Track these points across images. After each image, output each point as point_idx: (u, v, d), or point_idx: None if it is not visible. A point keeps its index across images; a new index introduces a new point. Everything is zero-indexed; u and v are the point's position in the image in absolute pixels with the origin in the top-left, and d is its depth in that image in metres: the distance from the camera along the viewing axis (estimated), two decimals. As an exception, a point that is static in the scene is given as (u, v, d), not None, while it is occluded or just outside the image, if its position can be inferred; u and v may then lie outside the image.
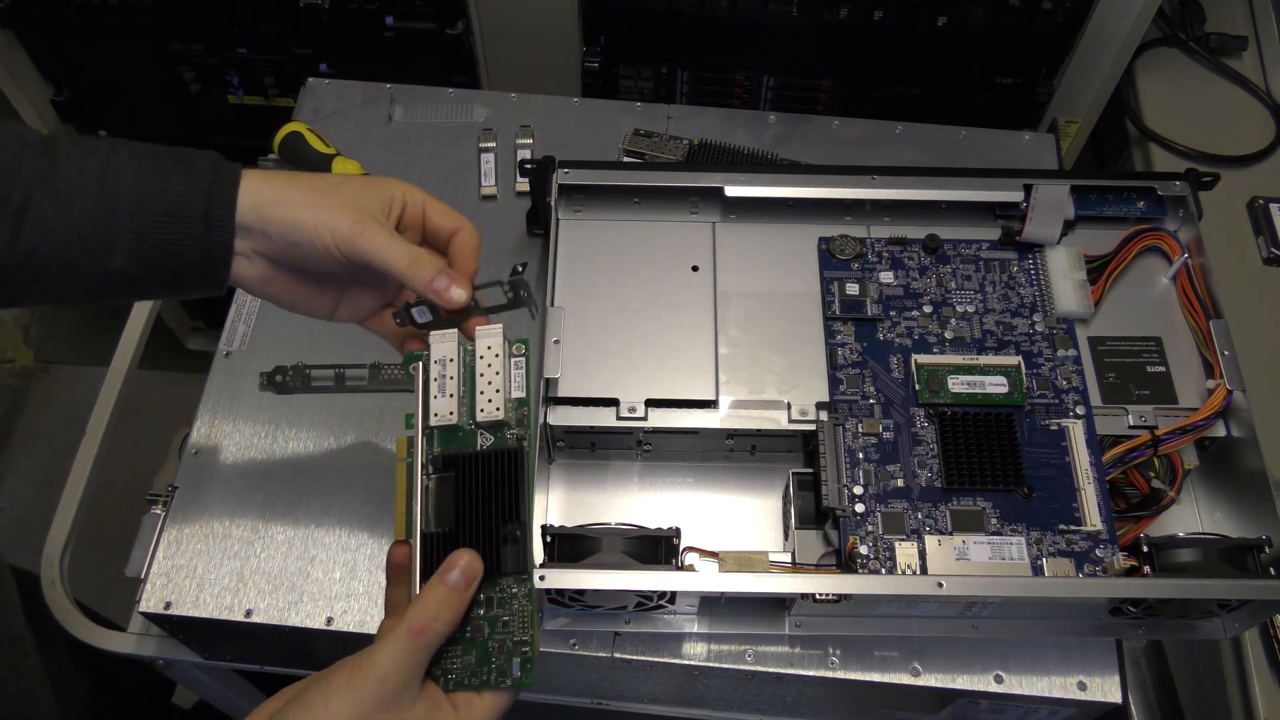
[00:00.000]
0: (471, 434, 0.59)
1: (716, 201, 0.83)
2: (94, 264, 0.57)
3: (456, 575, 0.53)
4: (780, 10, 1.05)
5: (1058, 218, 0.81)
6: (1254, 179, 1.07)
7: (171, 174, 0.58)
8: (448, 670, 0.54)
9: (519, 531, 0.56)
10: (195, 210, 0.58)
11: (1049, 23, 1.04)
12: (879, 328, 0.78)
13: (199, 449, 0.81)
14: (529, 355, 0.61)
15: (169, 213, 0.58)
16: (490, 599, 0.55)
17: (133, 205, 0.57)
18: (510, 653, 0.54)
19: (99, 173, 0.57)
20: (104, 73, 1.28)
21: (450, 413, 0.59)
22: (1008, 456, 0.72)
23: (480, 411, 0.59)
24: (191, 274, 0.60)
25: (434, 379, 0.60)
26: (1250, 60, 1.17)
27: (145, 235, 0.57)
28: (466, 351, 0.61)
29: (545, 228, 0.81)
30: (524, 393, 0.59)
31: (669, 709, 0.86)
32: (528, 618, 0.55)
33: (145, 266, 0.58)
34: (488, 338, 0.60)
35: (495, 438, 0.58)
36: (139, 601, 0.75)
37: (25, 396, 1.75)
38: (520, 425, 0.59)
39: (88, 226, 0.56)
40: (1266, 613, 0.70)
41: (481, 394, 0.59)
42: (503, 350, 0.60)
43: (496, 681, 0.53)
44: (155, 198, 0.57)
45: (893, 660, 0.73)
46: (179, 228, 0.58)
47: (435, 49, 1.16)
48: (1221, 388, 0.74)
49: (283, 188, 0.60)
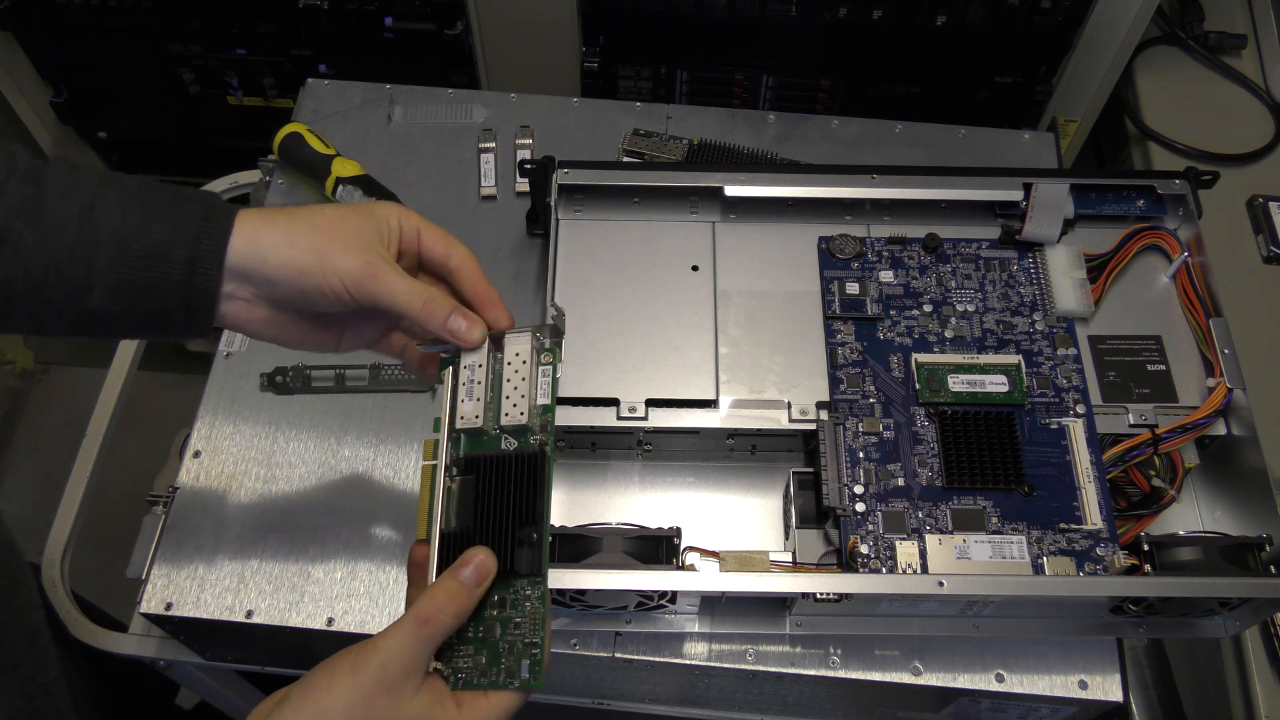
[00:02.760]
0: (496, 438, 0.59)
1: (716, 201, 0.83)
2: (71, 300, 0.56)
3: (469, 571, 0.53)
4: (779, 9, 1.05)
5: (1057, 216, 0.81)
6: (1253, 177, 1.08)
7: (159, 216, 0.57)
8: (458, 669, 0.54)
9: (535, 534, 0.56)
10: (179, 255, 0.56)
11: (1048, 21, 1.04)
12: (879, 327, 0.78)
13: (199, 450, 0.81)
14: (557, 363, 0.61)
15: (150, 255, 0.56)
16: (504, 599, 0.55)
17: (114, 244, 0.56)
18: (520, 654, 0.54)
19: (84, 208, 0.56)
20: (103, 74, 1.28)
21: (476, 416, 0.59)
22: (1008, 455, 0.72)
23: (505, 416, 0.59)
24: (173, 318, 0.58)
25: (462, 383, 0.60)
26: (1249, 58, 1.18)
27: (125, 276, 0.56)
28: (496, 358, 0.61)
29: (545, 228, 0.81)
30: (549, 399, 0.60)
31: (670, 709, 0.86)
32: (539, 621, 0.55)
33: (124, 307, 0.57)
34: (516, 344, 0.61)
35: (519, 442, 0.59)
36: (140, 603, 0.75)
37: (26, 398, 1.75)
38: (544, 431, 0.59)
39: (67, 262, 0.55)
40: (1267, 611, 0.70)
41: (507, 399, 0.59)
42: (530, 358, 0.60)
43: (505, 682, 0.53)
44: (138, 238, 0.56)
45: (894, 659, 0.73)
46: (160, 271, 0.56)
47: (434, 49, 1.16)
48: (1222, 386, 0.74)
49: (285, 230, 0.58)
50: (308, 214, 0.59)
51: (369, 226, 0.60)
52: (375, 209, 0.61)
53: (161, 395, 1.42)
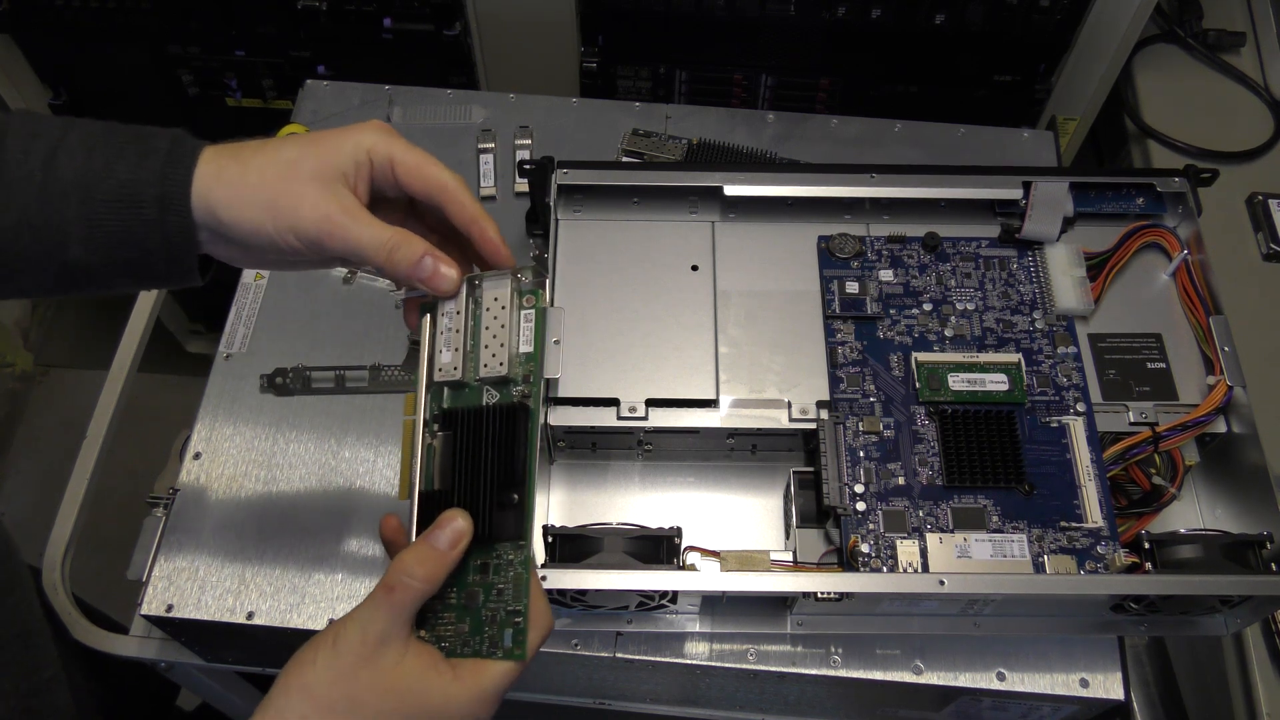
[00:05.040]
0: (476, 390, 0.55)
1: (716, 201, 0.83)
2: (49, 255, 0.53)
3: (443, 534, 0.52)
4: (778, 9, 1.05)
5: (1057, 215, 0.81)
6: (1253, 175, 1.07)
7: (121, 155, 0.53)
8: (441, 636, 0.52)
9: (517, 495, 0.53)
10: (148, 194, 0.52)
11: (1047, 20, 1.04)
12: (879, 326, 0.78)
13: (199, 452, 0.81)
14: (540, 305, 0.56)
15: (119, 197, 0.52)
16: (486, 565, 0.53)
17: (80, 190, 0.52)
18: (503, 623, 0.52)
19: (46, 156, 0.52)
20: (102, 76, 1.28)
21: (455, 368, 0.55)
22: (1008, 454, 0.72)
23: (484, 367, 0.55)
24: (155, 263, 0.54)
25: (441, 332, 0.56)
26: (1248, 56, 1.17)
27: (96, 222, 0.53)
28: (474, 302, 0.57)
29: (544, 228, 0.81)
30: (532, 347, 0.55)
31: (671, 709, 0.86)
32: (523, 587, 0.52)
33: (103, 256, 0.54)
34: (495, 288, 0.56)
35: (500, 395, 0.55)
36: (140, 604, 0.75)
37: (25, 400, 1.75)
38: (527, 382, 0.55)
39: (35, 214, 0.52)
40: (1268, 608, 0.70)
41: (485, 348, 0.55)
42: (510, 302, 0.56)
43: (488, 652, 0.51)
44: (103, 181, 0.52)
45: (895, 658, 0.73)
46: (132, 214, 0.53)
47: (433, 50, 1.16)
48: (1222, 384, 0.74)
49: (238, 180, 0.53)
50: (269, 154, 0.54)
51: (331, 163, 0.54)
52: (345, 136, 0.56)
53: (161, 397, 1.42)
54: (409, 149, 0.57)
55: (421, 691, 0.50)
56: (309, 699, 0.49)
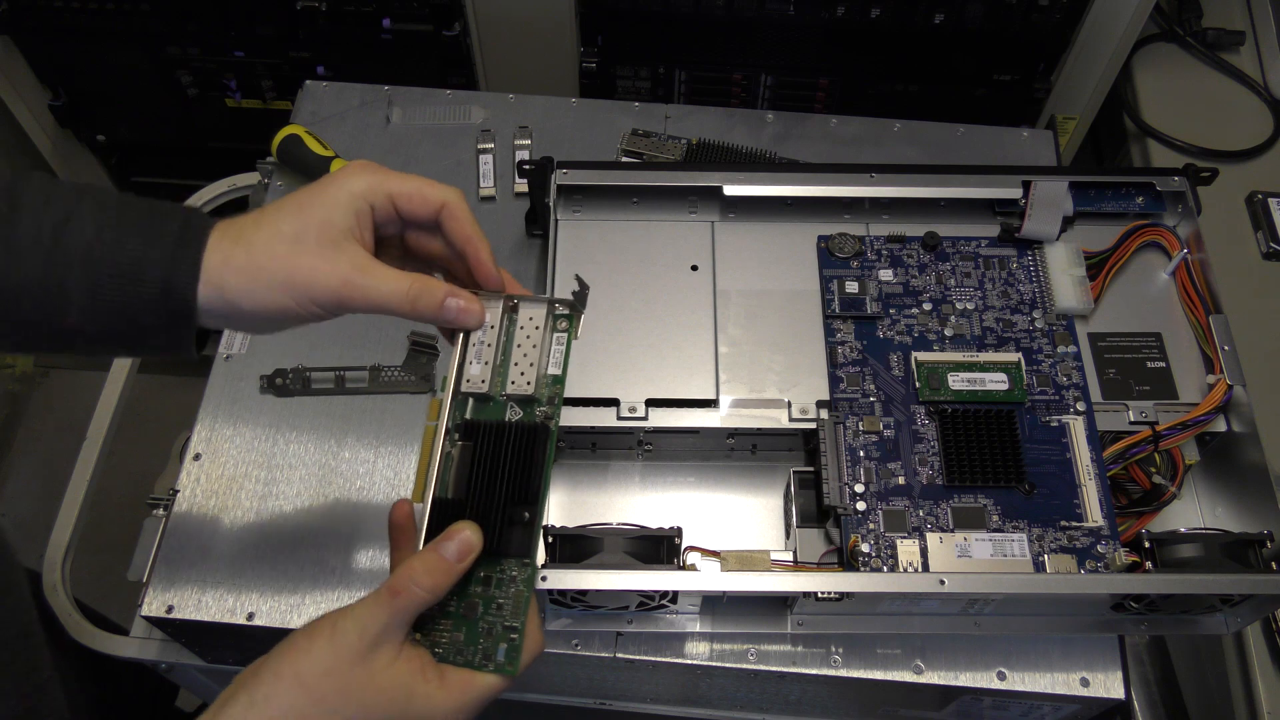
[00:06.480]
0: (501, 405, 0.57)
1: (715, 201, 0.83)
2: (47, 319, 0.54)
3: (451, 546, 0.52)
4: (777, 9, 1.05)
5: (1056, 214, 0.81)
6: (1252, 174, 1.08)
7: (133, 231, 0.54)
8: (436, 643, 0.53)
9: (528, 514, 0.54)
10: (153, 273, 0.53)
11: (1046, 19, 1.04)
12: (879, 325, 0.78)
13: (199, 453, 0.81)
14: (573, 332, 0.58)
15: (124, 273, 0.53)
16: (489, 578, 0.54)
17: (87, 262, 0.53)
18: (499, 637, 0.53)
19: (57, 225, 0.53)
20: (101, 77, 1.28)
21: (482, 380, 0.56)
22: (1009, 453, 0.72)
23: (511, 384, 0.56)
24: (153, 338, 0.55)
25: (472, 343, 0.57)
26: (1248, 55, 1.17)
27: (98, 294, 0.53)
28: (509, 320, 0.58)
29: (544, 228, 0.81)
30: (560, 370, 0.57)
31: (672, 708, 0.86)
32: (522, 605, 0.53)
33: (101, 325, 0.54)
34: (531, 310, 0.58)
35: (524, 413, 0.56)
36: (141, 605, 0.75)
37: (26, 402, 1.75)
38: (551, 404, 0.56)
39: (39, 281, 0.53)
40: (1269, 607, 0.70)
41: (515, 366, 0.57)
42: (544, 324, 0.57)
43: (480, 664, 0.52)
44: (110, 255, 0.53)
45: (895, 658, 0.73)
46: (134, 290, 0.53)
47: (432, 51, 1.16)
48: (1222, 383, 0.74)
49: (245, 270, 0.54)
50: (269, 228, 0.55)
51: (334, 223, 0.55)
52: (338, 189, 0.56)
53: (161, 398, 1.42)
54: (402, 179, 0.57)
55: (407, 695, 0.51)
56: (299, 686, 0.49)
